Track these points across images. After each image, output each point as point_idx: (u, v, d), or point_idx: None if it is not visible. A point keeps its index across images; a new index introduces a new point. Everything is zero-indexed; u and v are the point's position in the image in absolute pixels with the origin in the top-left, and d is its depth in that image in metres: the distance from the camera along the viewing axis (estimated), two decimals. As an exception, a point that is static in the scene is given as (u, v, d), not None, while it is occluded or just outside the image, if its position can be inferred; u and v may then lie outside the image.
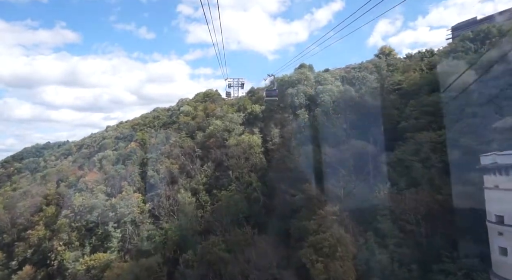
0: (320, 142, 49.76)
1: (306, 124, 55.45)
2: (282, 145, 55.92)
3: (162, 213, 53.68)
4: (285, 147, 55.16)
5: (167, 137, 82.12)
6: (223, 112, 77.57)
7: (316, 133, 51.61)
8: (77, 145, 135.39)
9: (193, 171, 60.03)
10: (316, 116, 55.23)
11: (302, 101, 61.11)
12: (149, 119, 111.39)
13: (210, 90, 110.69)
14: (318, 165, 45.75)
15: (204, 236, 47.39)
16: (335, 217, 31.42)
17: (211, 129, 67.03)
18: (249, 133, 62.50)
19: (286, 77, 67.61)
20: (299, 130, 55.43)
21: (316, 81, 65.00)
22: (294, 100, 61.66)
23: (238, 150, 58.37)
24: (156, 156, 69.09)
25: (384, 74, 62.40)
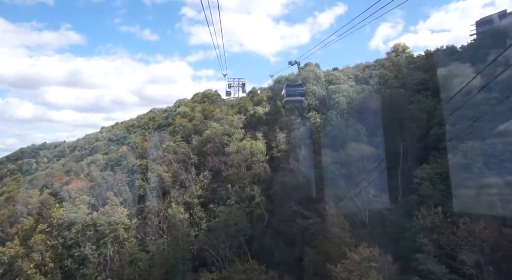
0: (336, 151, 40.75)
1: (318, 129, 46.39)
2: (290, 153, 46.87)
3: (150, 231, 44.66)
4: (294, 155, 46.12)
5: (161, 141, 73.04)
6: (222, 114, 68.52)
7: (331, 140, 42.62)
8: (70, 146, 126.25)
9: (188, 181, 50.87)
10: (330, 120, 46.18)
11: (312, 102, 52.10)
12: (144, 120, 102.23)
13: (209, 90, 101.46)
14: (335, 179, 36.78)
15: (198, 263, 38.45)
16: (375, 264, 22.46)
17: (208, 133, 57.96)
18: (251, 138, 53.44)
19: (293, 75, 58.62)
20: (310, 136, 46.37)
21: (327, 80, 55.98)
22: (303, 101, 52.66)
23: (238, 158, 49.30)
24: (147, 162, 59.99)
25: (405, 73, 53.38)
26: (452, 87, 42.16)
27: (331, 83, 54.35)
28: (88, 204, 55.17)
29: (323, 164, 39.13)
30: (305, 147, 44.57)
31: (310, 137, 46.09)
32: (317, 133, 45.85)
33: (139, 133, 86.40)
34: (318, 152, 42.51)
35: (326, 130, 45.44)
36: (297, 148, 46.19)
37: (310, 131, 46.64)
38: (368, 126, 41.69)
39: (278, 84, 64.00)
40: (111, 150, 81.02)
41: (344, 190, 34.30)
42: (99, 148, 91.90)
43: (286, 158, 47.12)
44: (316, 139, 44.81)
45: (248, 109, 67.14)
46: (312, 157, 42.78)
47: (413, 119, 39.07)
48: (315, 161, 42.11)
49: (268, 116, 57.84)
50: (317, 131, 46.17)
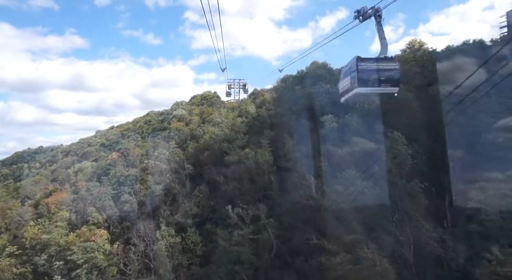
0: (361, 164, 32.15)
1: (335, 135, 37.79)
2: (302, 164, 38.33)
3: (134, 259, 35.99)
4: (307, 168, 37.59)
5: (154, 147, 64.56)
6: (222, 117, 60.03)
7: (353, 149, 34.09)
8: (63, 151, 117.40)
9: (181, 196, 42.28)
10: (349, 124, 37.64)
11: (325, 103, 43.54)
12: (140, 124, 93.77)
13: (208, 92, 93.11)
14: (365, 201, 28.22)
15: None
16: None
17: (206, 139, 49.43)
18: (254, 146, 44.98)
19: (302, 72, 50.16)
20: (326, 143, 37.77)
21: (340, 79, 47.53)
22: (315, 102, 44.16)
23: (240, 169, 40.71)
24: (136, 172, 51.32)
25: (431, 70, 44.83)
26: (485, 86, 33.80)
27: (346, 81, 45.93)
28: (68, 222, 46.59)
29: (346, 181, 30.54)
30: (320, 157, 35.93)
31: (326, 145, 37.47)
32: (335, 140, 37.25)
33: (132, 138, 77.86)
34: (338, 164, 33.92)
35: (345, 137, 36.86)
36: (310, 158, 37.56)
37: (326, 137, 38.02)
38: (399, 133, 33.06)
39: (284, 84, 55.55)
40: (100, 157, 72.43)
41: (378, 216, 25.80)
42: (90, 154, 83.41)
43: (297, 170, 38.50)
44: (334, 149, 36.21)
45: (250, 112, 58.67)
46: (330, 170, 34.20)
47: (456, 123, 30.53)
48: (334, 175, 33.50)
49: (273, 120, 49.25)
50: (334, 138, 37.54)
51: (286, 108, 51.30)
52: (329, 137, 37.69)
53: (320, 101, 43.80)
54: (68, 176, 68.17)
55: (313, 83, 46.99)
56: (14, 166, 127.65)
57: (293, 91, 53.35)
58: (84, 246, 36.01)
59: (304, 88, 48.38)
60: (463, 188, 26.42)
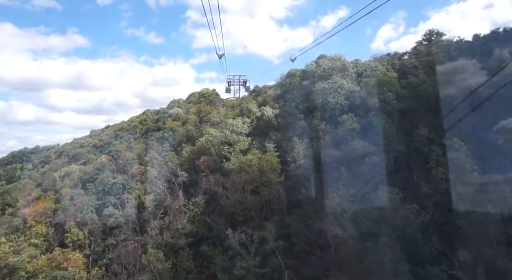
0: (396, 172, 25.11)
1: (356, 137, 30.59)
2: (317, 173, 31.21)
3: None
4: (321, 176, 30.51)
5: (147, 149, 57.34)
6: (221, 117, 52.80)
7: (384, 156, 26.98)
8: (57, 151, 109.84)
9: (173, 211, 35.17)
10: (373, 125, 30.47)
11: (341, 101, 36.38)
12: (134, 123, 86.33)
13: (206, 89, 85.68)
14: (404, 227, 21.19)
15: None
16: None
17: (203, 142, 42.20)
18: (258, 150, 37.87)
19: (312, 65, 42.81)
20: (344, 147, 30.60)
21: (356, 72, 40.24)
22: (329, 99, 36.94)
23: (242, 179, 33.57)
24: (124, 180, 44.09)
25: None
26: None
27: (361, 75, 38.62)
28: (44, 238, 39.47)
29: (378, 198, 23.49)
30: (339, 166, 28.75)
31: (345, 149, 30.28)
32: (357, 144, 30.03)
33: (125, 139, 70.55)
34: (363, 174, 26.80)
35: (371, 140, 29.69)
36: (327, 166, 30.42)
37: (345, 140, 30.82)
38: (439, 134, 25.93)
39: (290, 79, 48.25)
40: (90, 160, 65.28)
41: (416, 239, 18.78)
42: (80, 156, 76.22)
43: (309, 179, 31.39)
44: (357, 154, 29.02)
45: (252, 111, 51.46)
46: (353, 182, 27.11)
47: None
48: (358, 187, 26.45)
49: (280, 120, 42.05)
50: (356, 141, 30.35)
51: (292, 106, 44.11)
52: (349, 140, 30.49)
53: (334, 98, 36.61)
54: (54, 181, 60.95)
55: (325, 78, 39.76)
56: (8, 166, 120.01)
57: (301, 87, 46.17)
58: (53, 276, 28.94)
59: (313, 83, 41.11)
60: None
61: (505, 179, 21.91)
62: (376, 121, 29.89)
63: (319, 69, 40.25)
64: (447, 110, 28.83)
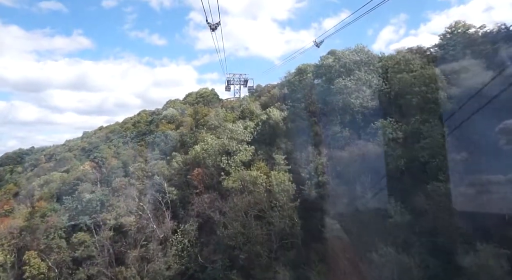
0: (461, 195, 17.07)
1: (400, 150, 22.38)
2: (342, 196, 23.15)
3: None
4: (353, 200, 22.46)
5: (135, 156, 49.13)
6: (220, 120, 44.61)
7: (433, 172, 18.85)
8: (47, 154, 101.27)
9: (156, 240, 26.98)
10: (425, 133, 22.31)
11: (367, 102, 28.30)
12: (127, 125, 77.88)
13: (205, 88, 77.36)
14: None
15: None
16: None
17: (197, 151, 33.99)
18: (264, 162, 29.76)
19: (328, 58, 34.55)
20: (383, 161, 22.45)
21: (383, 67, 32.08)
22: (351, 100, 28.85)
23: (245, 201, 25.51)
24: (103, 195, 35.76)
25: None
26: None
27: (394, 70, 30.43)
28: (2, 269, 31.20)
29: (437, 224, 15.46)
30: (381, 189, 20.65)
31: (383, 165, 22.12)
32: (397, 155, 21.88)
33: (113, 143, 62.20)
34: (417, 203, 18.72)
35: (416, 151, 21.54)
36: (353, 184, 22.29)
37: (381, 154, 22.64)
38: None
39: (299, 76, 40.02)
40: (73, 166, 56.94)
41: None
42: (66, 161, 67.92)
43: (333, 204, 23.29)
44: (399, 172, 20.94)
45: (255, 113, 43.31)
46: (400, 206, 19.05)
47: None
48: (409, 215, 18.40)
49: (289, 124, 33.84)
50: (395, 152, 22.17)
51: (302, 107, 36.10)
52: (390, 153, 22.25)
53: (359, 98, 28.49)
54: (32, 190, 52.69)
55: (346, 74, 31.61)
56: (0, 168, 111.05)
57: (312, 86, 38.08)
58: None
59: (331, 80, 32.95)
60: None
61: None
62: (428, 128, 21.59)
63: (338, 63, 32.02)
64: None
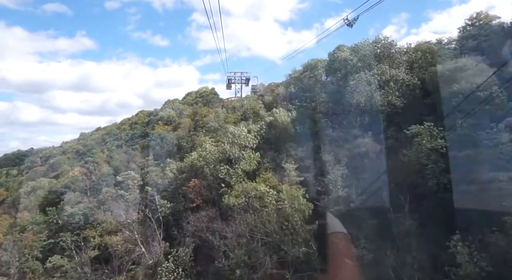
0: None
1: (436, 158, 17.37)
2: (371, 217, 18.25)
3: None
4: (385, 225, 17.58)
5: (128, 161, 44.26)
6: (220, 121, 39.72)
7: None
8: (43, 156, 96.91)
9: (142, 269, 22.17)
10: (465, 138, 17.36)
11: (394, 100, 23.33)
12: (125, 126, 73.01)
13: (204, 87, 72.28)
14: None
15: None
16: None
17: (194, 158, 29.10)
18: (272, 172, 24.85)
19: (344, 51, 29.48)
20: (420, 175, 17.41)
21: (408, 60, 27.01)
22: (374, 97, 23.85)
23: (250, 221, 20.71)
24: (87, 209, 30.87)
25: None
26: None
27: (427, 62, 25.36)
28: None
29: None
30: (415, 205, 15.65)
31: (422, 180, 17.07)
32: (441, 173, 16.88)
33: (107, 147, 57.35)
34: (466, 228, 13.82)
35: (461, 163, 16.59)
36: (394, 208, 17.34)
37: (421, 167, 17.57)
38: None
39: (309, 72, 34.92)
40: (64, 171, 52.11)
41: None
42: (58, 166, 62.98)
43: (358, 226, 18.37)
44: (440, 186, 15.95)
45: (259, 114, 38.39)
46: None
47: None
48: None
49: (299, 127, 28.82)
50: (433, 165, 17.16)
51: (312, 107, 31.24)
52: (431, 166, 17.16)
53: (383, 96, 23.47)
54: (19, 198, 47.93)
55: (365, 68, 26.57)
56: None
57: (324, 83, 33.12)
58: None
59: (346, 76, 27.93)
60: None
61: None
62: (469, 132, 16.58)
63: (356, 55, 26.91)
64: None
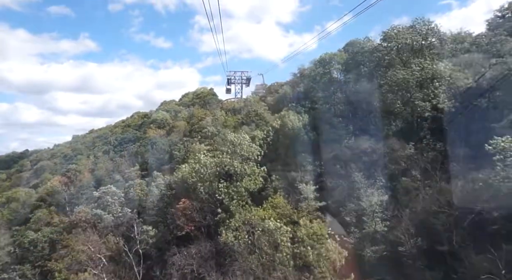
0: None
1: None
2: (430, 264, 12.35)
3: None
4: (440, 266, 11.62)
5: (113, 170, 38.10)
6: (218, 125, 33.75)
7: None
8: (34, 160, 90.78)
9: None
10: None
11: (440, 103, 17.53)
12: (117, 129, 66.74)
13: (202, 88, 66.17)
14: None
15: None
16: None
17: (185, 172, 23.15)
18: (282, 192, 18.96)
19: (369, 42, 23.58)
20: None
21: (452, 50, 21.19)
22: (415, 98, 18.03)
23: (256, 264, 14.82)
24: (57, 232, 24.74)
25: None
26: None
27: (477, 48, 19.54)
28: None
29: None
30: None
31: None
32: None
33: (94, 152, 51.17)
34: None
35: None
36: (466, 254, 11.44)
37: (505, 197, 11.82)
38: None
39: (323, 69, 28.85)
40: (44, 180, 45.86)
41: None
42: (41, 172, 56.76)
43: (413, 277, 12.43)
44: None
45: (263, 117, 32.38)
46: None
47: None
48: None
49: (313, 134, 22.85)
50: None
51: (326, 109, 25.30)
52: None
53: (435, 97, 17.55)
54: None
55: (397, 63, 20.65)
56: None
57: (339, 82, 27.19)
58: None
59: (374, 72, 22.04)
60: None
61: None
62: None
63: (389, 45, 20.89)
64: None
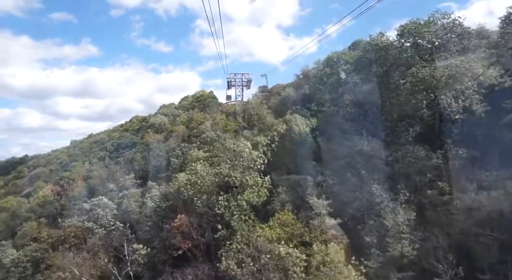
0: None
1: None
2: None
3: None
4: None
5: (109, 177, 35.74)
6: (217, 130, 31.44)
7: None
8: (31, 166, 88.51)
9: None
10: None
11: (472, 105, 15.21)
12: (115, 134, 64.52)
13: (202, 91, 63.81)
14: None
15: None
16: None
17: (182, 183, 20.87)
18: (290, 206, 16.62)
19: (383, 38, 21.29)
20: None
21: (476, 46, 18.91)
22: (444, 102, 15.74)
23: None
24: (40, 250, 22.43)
25: None
26: None
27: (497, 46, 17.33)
28: None
29: None
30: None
31: None
32: None
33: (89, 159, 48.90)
34: None
35: None
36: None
37: None
38: None
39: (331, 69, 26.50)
40: (36, 190, 43.54)
41: None
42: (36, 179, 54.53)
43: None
44: None
45: (266, 121, 30.05)
46: None
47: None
48: None
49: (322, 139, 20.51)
50: None
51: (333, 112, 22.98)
52: None
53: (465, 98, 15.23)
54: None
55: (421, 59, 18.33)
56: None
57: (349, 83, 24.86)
58: None
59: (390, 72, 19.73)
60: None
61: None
62: None
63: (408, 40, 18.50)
64: None
